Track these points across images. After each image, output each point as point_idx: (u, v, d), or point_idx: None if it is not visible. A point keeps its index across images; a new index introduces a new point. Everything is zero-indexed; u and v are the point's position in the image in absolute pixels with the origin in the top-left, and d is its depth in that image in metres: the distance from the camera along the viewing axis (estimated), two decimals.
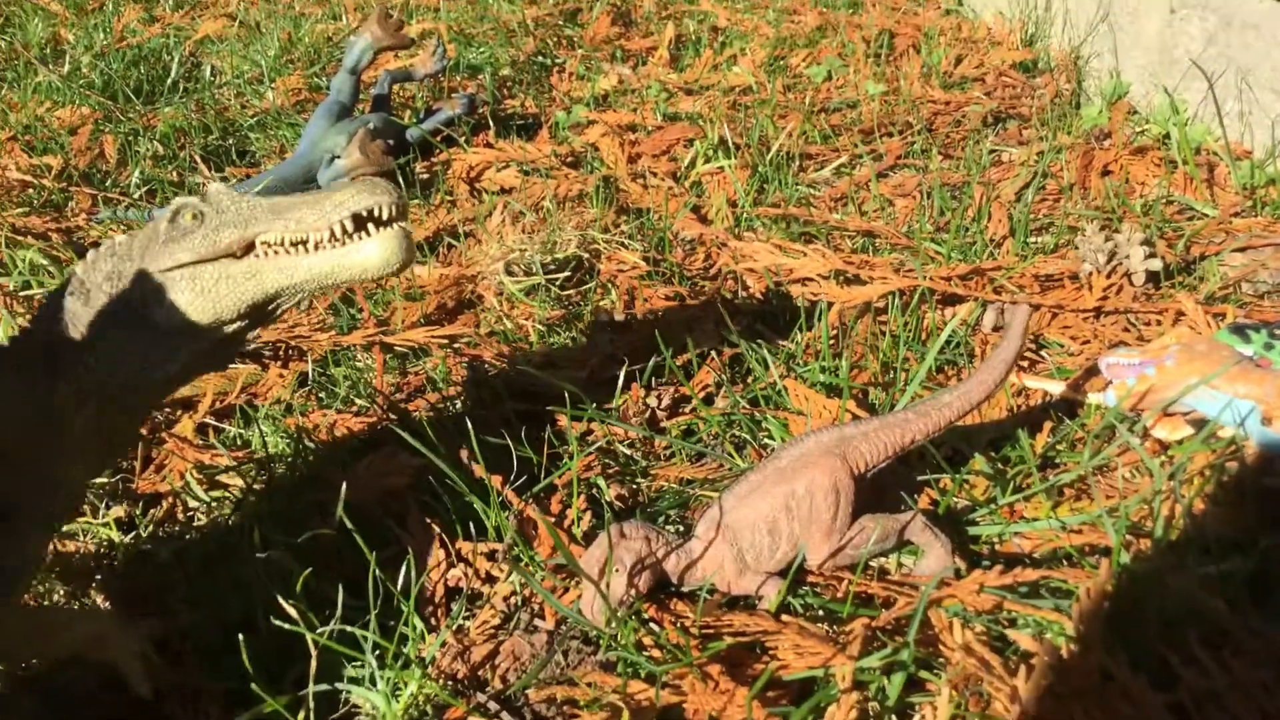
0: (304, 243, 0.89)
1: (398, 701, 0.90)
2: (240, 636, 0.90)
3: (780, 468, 0.98)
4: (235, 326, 0.92)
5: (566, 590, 1.02)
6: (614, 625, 0.94)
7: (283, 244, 0.89)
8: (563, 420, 1.24)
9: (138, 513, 1.16)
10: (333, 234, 0.89)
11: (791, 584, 0.99)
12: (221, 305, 0.89)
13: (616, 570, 0.94)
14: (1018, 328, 1.04)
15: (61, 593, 1.07)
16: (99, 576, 1.08)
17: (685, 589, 1.00)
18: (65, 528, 1.13)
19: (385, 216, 0.89)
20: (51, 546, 1.11)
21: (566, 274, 1.61)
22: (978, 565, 1.01)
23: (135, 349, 0.89)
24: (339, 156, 1.95)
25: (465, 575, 1.04)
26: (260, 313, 0.92)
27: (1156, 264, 1.44)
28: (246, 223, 0.89)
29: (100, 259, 0.91)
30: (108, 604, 1.05)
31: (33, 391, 0.86)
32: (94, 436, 0.90)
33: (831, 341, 1.36)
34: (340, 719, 0.92)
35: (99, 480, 1.20)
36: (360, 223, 0.89)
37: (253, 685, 0.85)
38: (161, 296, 0.89)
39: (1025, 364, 1.34)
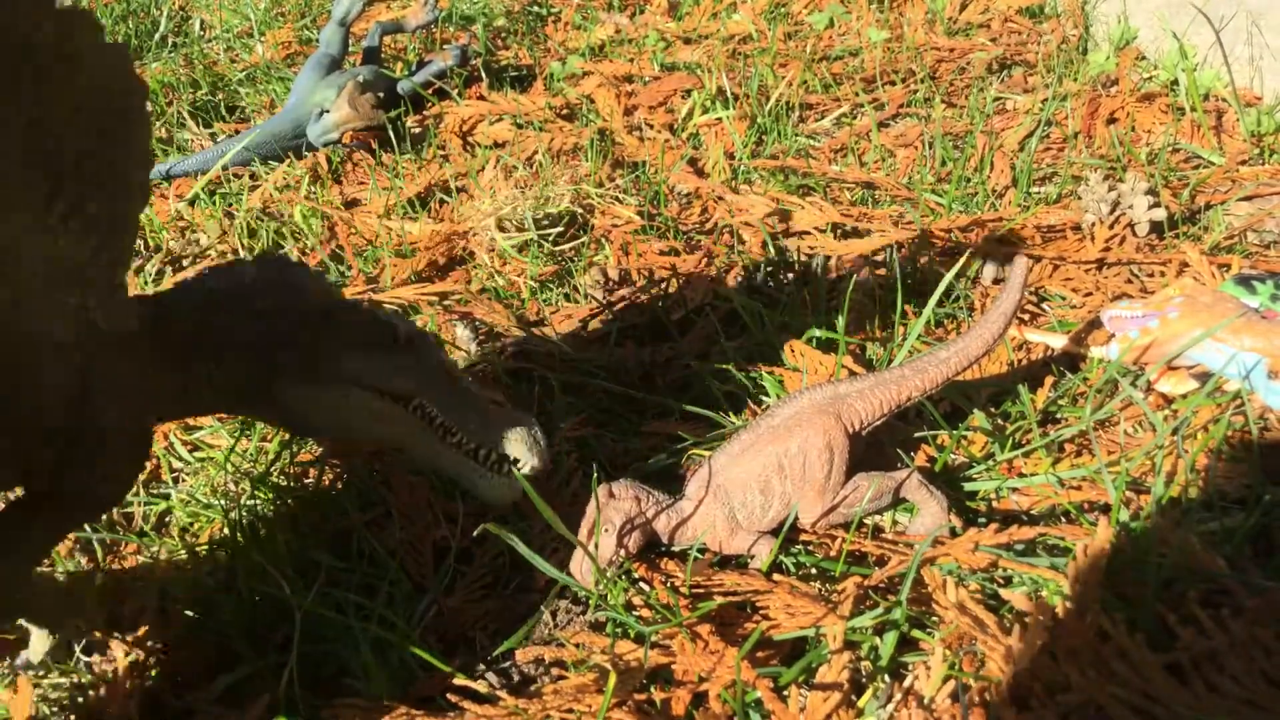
0: (451, 434, 0.90)
1: (384, 662, 0.89)
2: (219, 600, 0.89)
3: (773, 426, 0.96)
4: (329, 434, 0.92)
5: (556, 550, 1.01)
6: (603, 586, 0.93)
7: (432, 422, 0.90)
8: (553, 378, 1.22)
9: None
10: (478, 451, 0.91)
11: (784, 543, 0.97)
12: (341, 421, 0.89)
13: (605, 530, 0.93)
14: (1016, 280, 1.02)
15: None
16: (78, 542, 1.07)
17: (676, 549, 0.99)
18: None
19: (523, 470, 0.92)
20: None
21: (560, 229, 1.58)
22: (974, 523, 1.00)
23: (237, 393, 0.88)
24: (329, 110, 1.91)
25: (453, 535, 1.03)
26: (361, 444, 0.94)
27: (1160, 214, 1.41)
28: (422, 383, 0.89)
29: (281, 292, 0.88)
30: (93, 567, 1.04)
31: (163, 380, 0.85)
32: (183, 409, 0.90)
33: (828, 296, 1.34)
34: (327, 680, 0.91)
35: None
36: (501, 459, 0.92)
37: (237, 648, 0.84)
38: (302, 380, 0.87)
39: (1026, 317, 1.31)
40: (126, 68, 0.72)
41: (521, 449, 0.92)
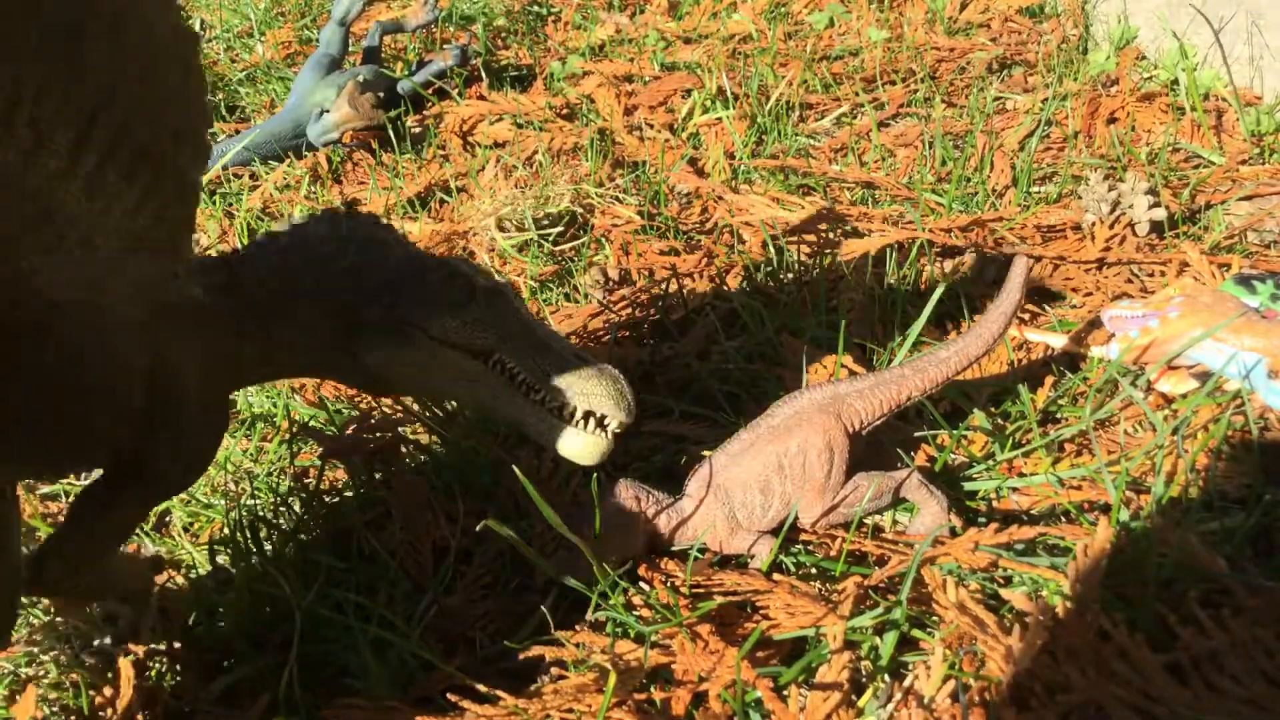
0: (534, 390, 0.87)
1: (384, 662, 0.89)
2: (219, 600, 0.89)
3: (773, 426, 0.96)
4: (413, 395, 0.90)
5: (556, 550, 1.01)
6: (603, 586, 0.92)
7: (513, 376, 0.87)
8: None
9: None
10: (562, 407, 0.88)
11: (783, 543, 0.97)
12: (424, 379, 0.87)
13: (606, 530, 0.92)
14: (1016, 280, 1.01)
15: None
16: None
17: (676, 549, 0.99)
18: (48, 488, 1.12)
19: (611, 426, 0.89)
20: (36, 509, 1.10)
21: (560, 229, 1.58)
22: (974, 523, 1.00)
23: (319, 353, 0.85)
24: (329, 110, 1.91)
25: (453, 535, 1.03)
26: (440, 400, 0.90)
27: (1160, 213, 1.41)
28: (502, 337, 0.87)
29: (361, 248, 0.85)
30: None
31: (242, 346, 0.82)
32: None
33: (828, 295, 1.34)
34: (327, 680, 0.91)
35: None
36: (588, 415, 0.88)
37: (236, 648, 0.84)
38: (384, 339, 0.85)
39: (1026, 317, 1.31)
40: (175, 13, 0.65)
41: (607, 404, 0.88)
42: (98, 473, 0.79)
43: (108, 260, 0.67)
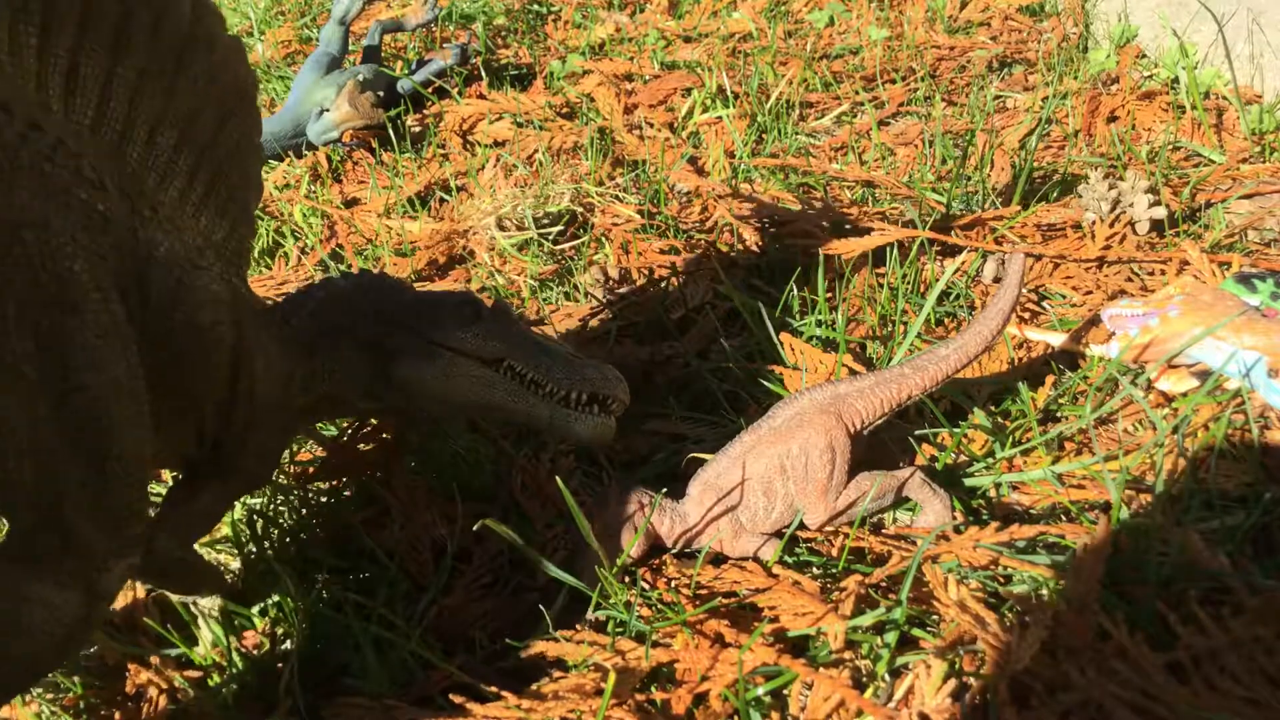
0: (540, 386, 0.98)
1: (384, 662, 0.89)
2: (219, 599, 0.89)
3: (774, 427, 0.95)
4: (441, 411, 0.99)
5: (557, 550, 1.01)
6: (608, 587, 0.92)
7: (523, 377, 0.98)
8: None
9: None
10: (567, 397, 0.99)
11: (786, 542, 0.97)
12: (448, 390, 0.97)
13: (609, 531, 0.92)
14: (1014, 277, 1.01)
15: None
16: None
17: (679, 551, 0.99)
18: None
19: (612, 407, 1.01)
20: None
21: (560, 228, 1.58)
22: (976, 521, 0.99)
23: (359, 380, 0.96)
24: (329, 109, 1.91)
25: (452, 535, 1.03)
26: (465, 413, 1.01)
27: (1160, 212, 1.41)
28: (509, 345, 0.98)
29: (381, 292, 0.98)
30: None
31: (290, 366, 0.93)
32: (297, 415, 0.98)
33: (828, 294, 1.33)
34: (327, 680, 0.91)
35: None
36: (592, 399, 1.00)
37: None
38: (412, 358, 0.96)
39: (1027, 315, 1.31)
40: (244, 58, 0.78)
41: (606, 386, 1.00)
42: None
43: (200, 256, 0.78)
